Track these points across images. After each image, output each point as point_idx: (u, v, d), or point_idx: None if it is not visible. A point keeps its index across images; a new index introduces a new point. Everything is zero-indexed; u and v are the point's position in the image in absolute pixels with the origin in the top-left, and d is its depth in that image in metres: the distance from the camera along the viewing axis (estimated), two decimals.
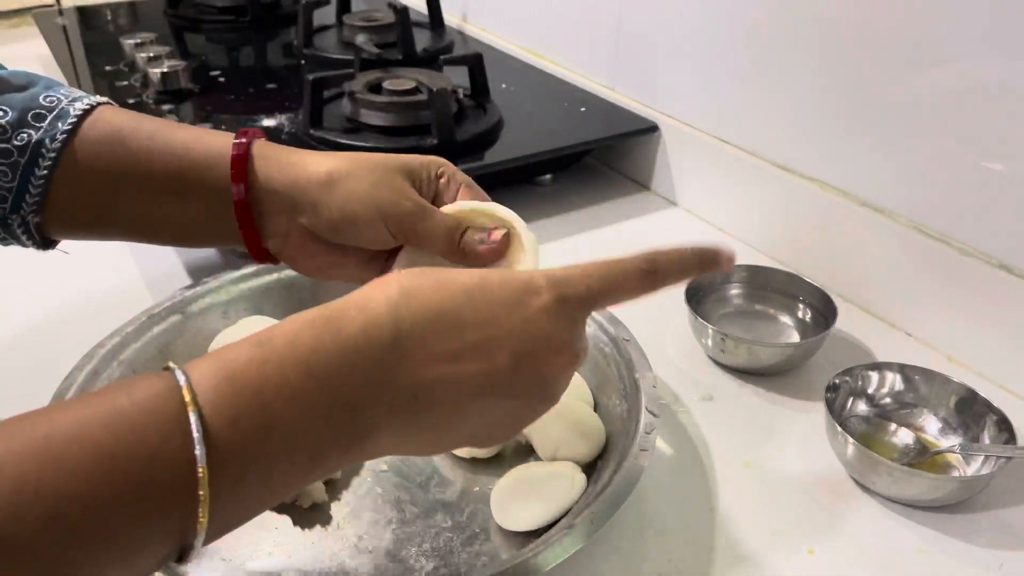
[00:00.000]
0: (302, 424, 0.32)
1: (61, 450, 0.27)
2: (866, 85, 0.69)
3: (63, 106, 0.48)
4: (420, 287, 0.35)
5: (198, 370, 0.31)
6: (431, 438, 0.37)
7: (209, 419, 0.30)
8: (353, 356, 0.33)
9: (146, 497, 0.28)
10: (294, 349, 0.32)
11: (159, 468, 0.29)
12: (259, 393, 0.31)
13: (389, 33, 1.14)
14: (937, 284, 0.67)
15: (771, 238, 0.81)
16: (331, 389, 0.33)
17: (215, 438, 0.30)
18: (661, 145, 0.92)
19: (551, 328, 0.37)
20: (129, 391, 0.30)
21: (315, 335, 0.33)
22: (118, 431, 0.28)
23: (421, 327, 0.35)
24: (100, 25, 1.33)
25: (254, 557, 0.49)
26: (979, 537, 0.52)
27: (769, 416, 0.62)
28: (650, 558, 0.50)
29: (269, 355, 0.32)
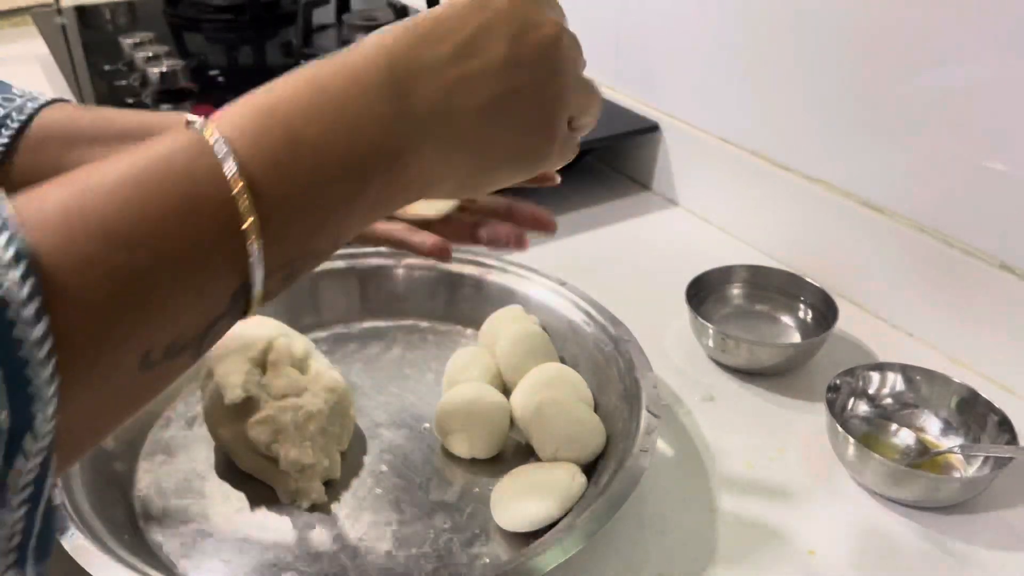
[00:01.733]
0: (326, 134, 0.32)
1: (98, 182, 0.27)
2: (867, 85, 0.69)
3: (35, 95, 0.50)
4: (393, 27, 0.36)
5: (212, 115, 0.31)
6: (476, 151, 0.37)
7: (232, 139, 0.30)
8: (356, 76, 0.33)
9: (191, 214, 0.28)
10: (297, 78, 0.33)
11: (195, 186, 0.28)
12: (274, 112, 0.31)
13: None
14: (938, 284, 0.67)
15: (772, 238, 0.81)
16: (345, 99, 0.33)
17: (241, 155, 0.29)
18: (662, 145, 0.91)
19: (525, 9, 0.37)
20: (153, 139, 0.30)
21: (312, 68, 0.34)
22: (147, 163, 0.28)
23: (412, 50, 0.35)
24: (99, 25, 1.32)
25: (254, 558, 0.49)
26: (980, 538, 0.52)
27: (770, 416, 0.62)
28: (650, 558, 0.50)
29: (275, 83, 0.33)
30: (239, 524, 0.51)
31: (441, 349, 0.66)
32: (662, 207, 0.92)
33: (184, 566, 0.48)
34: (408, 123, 0.34)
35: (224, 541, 0.50)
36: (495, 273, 0.67)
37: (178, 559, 0.48)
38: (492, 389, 0.58)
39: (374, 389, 0.62)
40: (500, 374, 0.61)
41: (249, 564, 0.48)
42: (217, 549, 0.49)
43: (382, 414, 0.60)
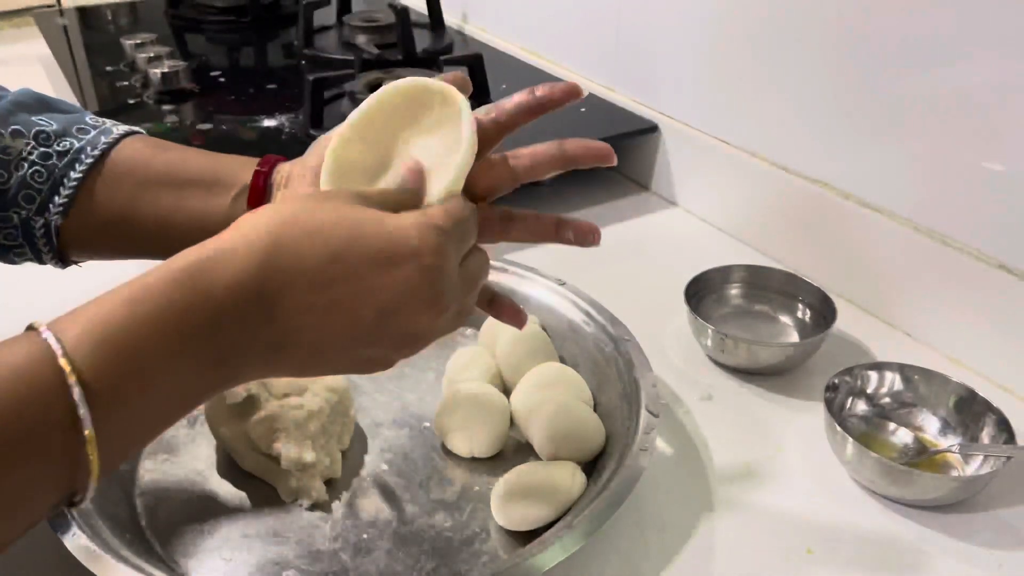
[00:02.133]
0: (177, 380, 0.34)
1: None
2: (866, 85, 0.69)
3: (108, 126, 0.50)
4: (290, 239, 0.36)
5: (72, 332, 0.32)
6: (296, 373, 0.39)
7: (90, 384, 0.31)
8: (220, 317, 0.34)
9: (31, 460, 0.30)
10: (165, 315, 0.33)
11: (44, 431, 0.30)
12: (136, 357, 0.32)
13: (389, 33, 1.14)
14: (937, 284, 0.67)
15: (771, 238, 0.81)
16: (200, 350, 0.34)
17: (96, 401, 0.31)
18: (661, 145, 0.92)
19: (420, 287, 0.38)
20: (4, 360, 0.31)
21: (184, 297, 0.34)
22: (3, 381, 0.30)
23: (288, 282, 0.36)
24: (100, 25, 1.33)
25: (255, 556, 0.49)
26: (978, 537, 0.52)
27: (769, 416, 0.62)
28: (649, 557, 0.50)
29: (144, 317, 0.33)
30: (240, 523, 0.51)
31: (441, 349, 0.66)
32: (661, 207, 0.92)
33: (185, 565, 0.48)
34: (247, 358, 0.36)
35: (225, 540, 0.50)
36: (495, 273, 0.67)
37: (179, 558, 0.49)
38: (492, 389, 0.58)
39: (374, 388, 0.62)
40: (500, 374, 0.61)
41: (250, 563, 0.49)
42: (218, 548, 0.49)
43: (382, 413, 0.60)
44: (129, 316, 0.33)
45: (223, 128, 0.92)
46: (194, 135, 0.91)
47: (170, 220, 0.48)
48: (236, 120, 0.93)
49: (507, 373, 0.61)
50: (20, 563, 0.48)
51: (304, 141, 0.87)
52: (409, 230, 0.38)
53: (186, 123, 0.94)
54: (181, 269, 0.35)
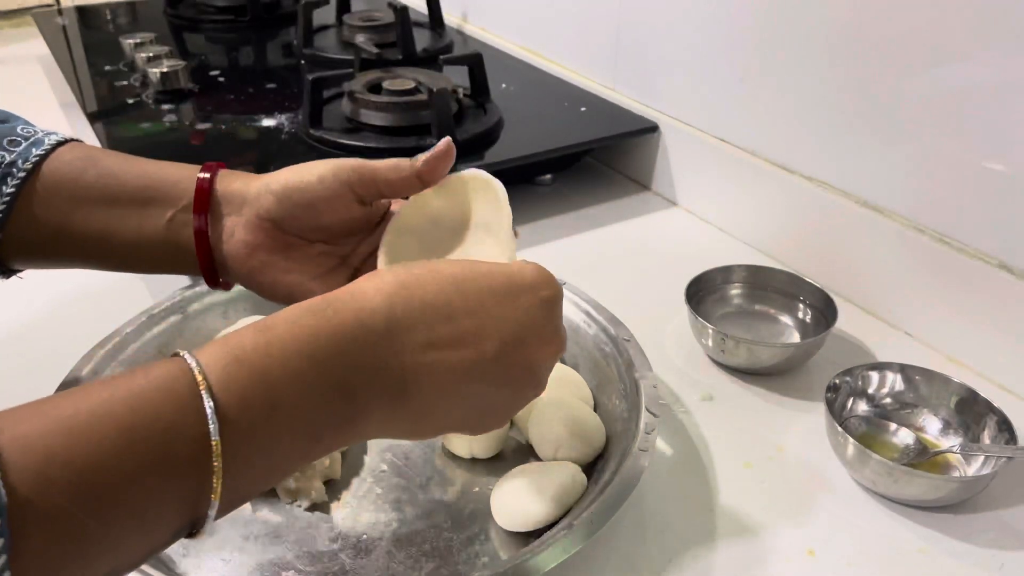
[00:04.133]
0: (302, 404, 0.34)
1: (85, 426, 0.29)
2: (866, 85, 0.69)
3: (39, 136, 0.49)
4: (412, 277, 0.37)
5: (207, 354, 0.33)
6: (418, 423, 0.39)
7: (220, 397, 0.32)
8: (348, 343, 0.35)
9: (164, 469, 0.30)
10: (295, 336, 0.34)
11: (176, 442, 0.30)
12: (265, 375, 0.33)
13: (389, 33, 1.14)
14: (937, 284, 0.67)
15: (771, 238, 0.81)
16: (328, 373, 0.35)
17: (225, 414, 0.31)
18: (661, 145, 0.91)
19: (540, 319, 0.39)
20: (146, 374, 0.32)
21: (314, 322, 0.35)
22: (137, 408, 0.30)
23: (413, 315, 0.36)
24: (100, 25, 1.33)
25: (254, 557, 0.49)
26: (979, 537, 0.52)
27: (769, 416, 0.62)
28: (650, 558, 0.50)
29: (272, 340, 0.34)
30: (239, 523, 0.51)
31: None
32: (662, 207, 0.92)
33: (184, 565, 0.48)
34: (372, 393, 0.36)
35: (224, 540, 0.50)
36: None
37: (178, 558, 0.49)
38: None
39: None
40: None
41: (249, 563, 0.48)
42: (217, 548, 0.49)
43: None
44: (259, 340, 0.34)
45: (222, 128, 0.91)
46: (193, 135, 0.91)
47: (106, 237, 0.47)
48: (235, 120, 0.93)
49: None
50: None
51: (304, 141, 0.87)
52: (524, 266, 0.40)
53: (185, 123, 0.94)
54: (312, 304, 0.36)
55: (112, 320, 0.59)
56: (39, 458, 0.27)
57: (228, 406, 0.32)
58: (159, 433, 0.30)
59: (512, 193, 0.49)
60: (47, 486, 0.27)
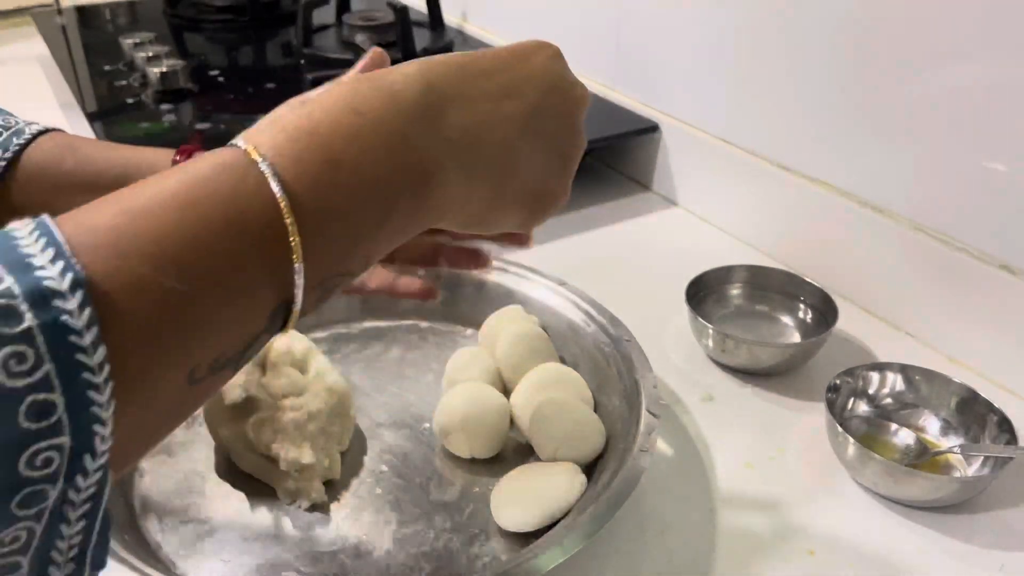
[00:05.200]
0: (364, 157, 0.32)
1: (145, 206, 0.28)
2: (867, 85, 0.69)
3: (20, 127, 0.49)
4: (435, 56, 0.37)
5: (253, 135, 0.32)
6: (495, 182, 0.38)
7: (274, 160, 0.30)
8: (393, 99, 0.34)
9: (237, 235, 0.29)
10: (336, 99, 0.33)
11: (241, 207, 0.29)
12: (315, 135, 0.32)
13: (389, 33, 1.13)
14: (938, 284, 0.67)
15: (771, 238, 0.81)
16: (381, 124, 0.33)
17: (284, 174, 0.30)
18: (661, 145, 0.91)
19: (559, 70, 0.41)
20: (196, 160, 0.31)
21: (351, 87, 0.34)
22: (193, 184, 0.29)
23: (451, 77, 0.36)
24: (99, 25, 1.32)
25: (254, 558, 0.49)
26: (980, 538, 0.52)
27: (769, 417, 0.62)
28: (650, 558, 0.50)
29: (313, 107, 0.33)
30: (239, 524, 0.51)
31: (441, 349, 0.66)
32: (662, 207, 0.92)
33: (184, 566, 0.48)
34: (438, 148, 0.35)
35: (224, 541, 0.50)
36: (495, 273, 0.67)
37: (178, 559, 0.48)
38: (492, 389, 0.58)
39: (374, 389, 0.62)
40: (500, 374, 0.61)
41: (249, 564, 0.48)
42: (217, 549, 0.49)
43: (382, 414, 0.60)
44: (299, 111, 0.33)
45: (222, 128, 0.91)
46: (193, 135, 0.91)
47: None
48: (235, 119, 0.93)
49: (507, 373, 0.60)
50: None
51: None
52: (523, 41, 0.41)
53: (185, 123, 0.94)
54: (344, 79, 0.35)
55: None
56: (108, 235, 0.26)
57: (286, 168, 0.30)
58: (223, 202, 0.29)
59: None
60: (123, 259, 0.26)
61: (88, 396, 0.24)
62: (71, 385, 0.23)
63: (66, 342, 0.23)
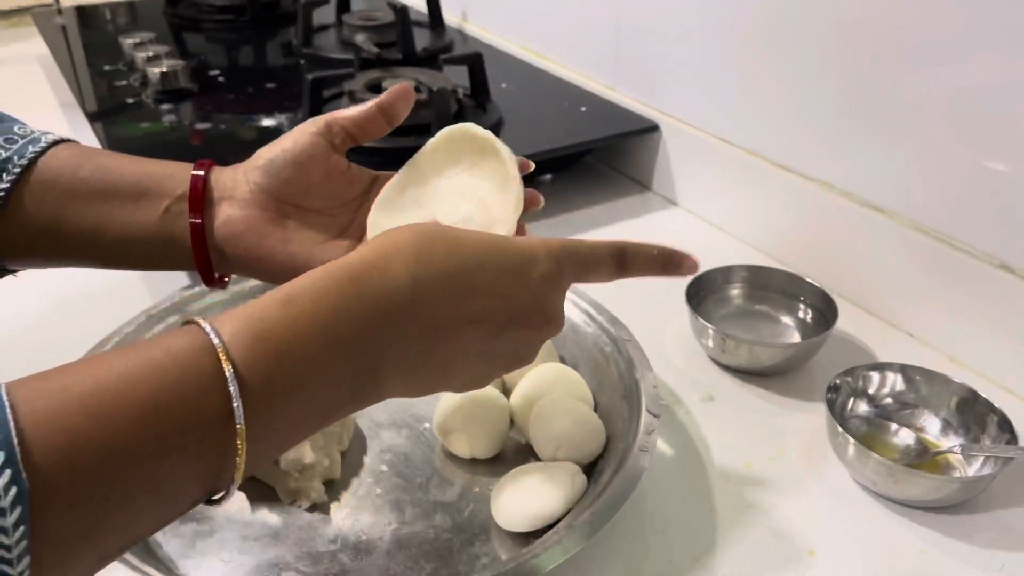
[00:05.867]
0: (325, 384, 0.35)
1: (108, 404, 0.29)
2: (867, 85, 0.69)
3: (36, 135, 0.49)
4: (435, 250, 0.38)
5: (229, 328, 0.33)
6: (424, 389, 0.40)
7: (244, 377, 0.32)
8: (374, 321, 0.36)
9: (188, 448, 0.30)
10: (319, 314, 0.35)
11: (200, 422, 0.31)
12: (289, 355, 0.33)
13: (389, 32, 1.13)
14: (938, 284, 0.67)
15: (771, 238, 0.81)
16: (351, 354, 0.35)
17: (248, 396, 0.32)
18: (662, 145, 0.91)
19: (547, 296, 0.41)
20: (167, 349, 0.32)
21: (340, 297, 0.35)
22: (159, 387, 0.30)
23: (437, 291, 0.38)
24: (99, 25, 1.32)
25: (254, 557, 0.49)
26: (980, 537, 0.52)
27: (770, 416, 0.62)
28: (650, 558, 0.50)
29: (297, 317, 0.34)
30: (239, 524, 0.51)
31: None
32: (662, 207, 0.92)
33: (184, 566, 0.48)
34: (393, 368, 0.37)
35: (224, 541, 0.50)
36: None
37: (178, 559, 0.48)
38: (492, 389, 0.58)
39: None
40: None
41: (249, 564, 0.48)
42: (217, 549, 0.49)
43: (382, 414, 0.60)
44: (283, 316, 0.34)
45: (222, 127, 0.91)
46: (192, 135, 0.91)
47: (99, 232, 0.47)
48: (235, 119, 0.93)
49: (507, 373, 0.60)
50: None
51: None
52: (535, 245, 0.41)
53: (185, 123, 0.94)
54: (332, 277, 0.36)
55: (112, 320, 0.59)
56: (64, 440, 0.27)
57: (252, 387, 0.32)
58: (183, 414, 0.30)
59: None
60: (71, 469, 0.27)
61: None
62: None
63: None
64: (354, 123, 0.49)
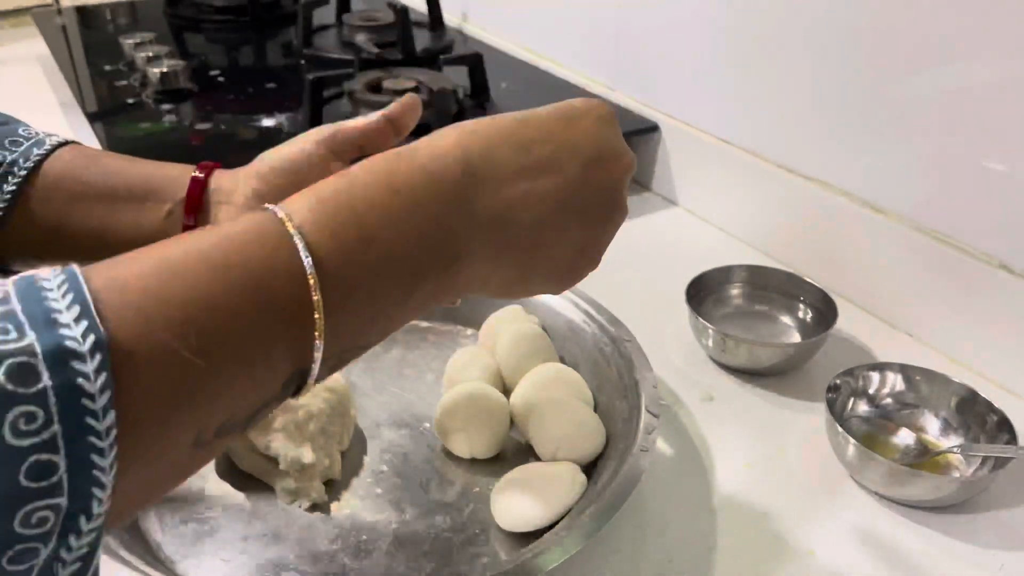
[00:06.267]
0: (396, 237, 0.33)
1: (178, 266, 0.28)
2: (866, 85, 0.69)
3: (40, 137, 0.49)
4: (477, 123, 0.37)
5: (290, 202, 0.33)
6: (522, 262, 0.38)
7: (309, 234, 0.31)
8: (431, 177, 0.35)
9: (264, 306, 0.29)
10: (375, 176, 0.34)
11: (273, 279, 0.30)
12: (352, 210, 0.33)
13: (389, 33, 1.14)
14: (938, 284, 0.67)
15: (771, 238, 0.81)
16: (417, 205, 0.34)
17: (317, 249, 0.31)
18: (661, 145, 0.91)
19: (609, 133, 0.39)
20: (233, 223, 0.31)
21: (389, 165, 0.35)
22: (228, 249, 0.30)
23: (489, 152, 0.36)
24: (99, 25, 1.33)
25: (254, 557, 0.49)
26: (980, 537, 0.52)
27: (769, 416, 0.62)
28: (650, 558, 0.50)
29: (353, 180, 0.34)
30: (239, 524, 0.51)
31: (441, 349, 0.66)
32: (662, 207, 0.92)
33: (184, 566, 0.48)
34: (469, 231, 0.35)
35: (224, 541, 0.50)
36: None
37: (178, 559, 0.48)
38: (492, 389, 0.58)
39: (374, 389, 0.62)
40: (500, 374, 0.61)
41: (249, 564, 0.48)
42: (217, 549, 0.49)
43: (382, 414, 0.60)
44: (339, 183, 0.34)
45: (222, 128, 0.91)
46: (193, 135, 0.91)
47: (103, 233, 0.47)
48: (235, 120, 0.93)
49: (507, 373, 0.60)
50: None
51: None
52: (573, 100, 0.40)
53: (185, 123, 0.94)
54: (384, 153, 0.36)
55: None
56: (137, 296, 0.27)
57: (319, 243, 0.31)
58: (255, 271, 0.29)
59: None
60: (148, 323, 0.26)
61: (91, 459, 0.24)
62: (76, 447, 0.23)
63: (78, 405, 0.23)
64: (362, 134, 0.48)
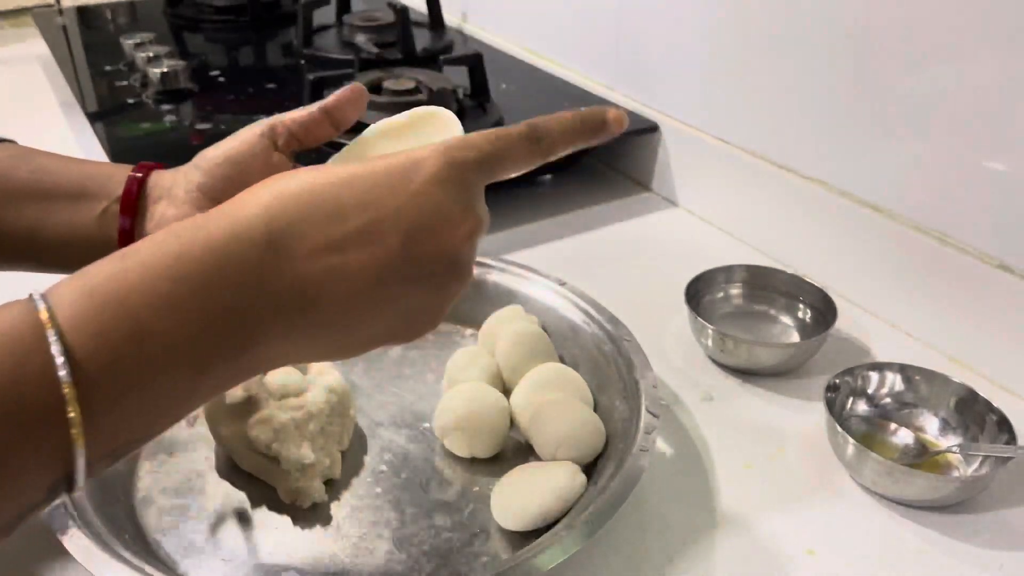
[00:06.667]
0: (177, 331, 0.30)
1: None
2: (867, 85, 0.69)
3: None
4: (291, 182, 0.34)
5: (57, 291, 0.30)
6: (333, 339, 0.35)
7: (69, 332, 0.28)
8: (223, 259, 0.31)
9: (14, 418, 0.27)
10: (158, 259, 0.31)
11: (23, 386, 0.27)
12: (122, 304, 0.30)
13: (389, 33, 1.14)
14: (937, 284, 0.67)
15: (771, 238, 0.81)
16: (204, 293, 0.31)
17: (79, 353, 0.28)
18: (661, 145, 0.91)
19: (443, 196, 0.35)
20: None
21: (181, 242, 0.31)
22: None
23: (297, 220, 0.33)
24: (100, 25, 1.33)
25: (254, 557, 0.49)
26: (979, 537, 0.52)
27: (769, 416, 0.62)
28: (650, 558, 0.50)
29: (132, 266, 0.31)
30: (239, 524, 0.51)
31: (441, 349, 0.66)
32: (662, 207, 0.92)
33: (184, 565, 0.48)
34: (268, 313, 0.32)
35: (224, 540, 0.50)
36: (495, 273, 0.67)
37: (178, 558, 0.49)
38: (492, 389, 0.58)
39: (374, 389, 0.62)
40: (500, 374, 0.61)
41: (249, 564, 0.48)
42: (217, 549, 0.49)
43: (382, 414, 0.60)
44: (116, 267, 0.31)
45: (222, 128, 0.91)
46: (193, 135, 0.91)
47: (36, 233, 0.46)
48: (235, 120, 0.93)
49: (507, 373, 0.61)
50: (19, 563, 0.48)
51: None
52: (421, 149, 0.36)
53: (185, 123, 0.94)
54: (179, 225, 0.32)
55: None
56: None
57: (82, 344, 0.28)
58: (4, 378, 0.27)
59: (511, 193, 0.48)
60: None
61: None
62: None
63: None
64: (298, 124, 0.47)
